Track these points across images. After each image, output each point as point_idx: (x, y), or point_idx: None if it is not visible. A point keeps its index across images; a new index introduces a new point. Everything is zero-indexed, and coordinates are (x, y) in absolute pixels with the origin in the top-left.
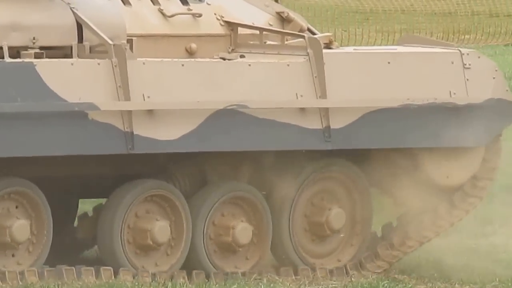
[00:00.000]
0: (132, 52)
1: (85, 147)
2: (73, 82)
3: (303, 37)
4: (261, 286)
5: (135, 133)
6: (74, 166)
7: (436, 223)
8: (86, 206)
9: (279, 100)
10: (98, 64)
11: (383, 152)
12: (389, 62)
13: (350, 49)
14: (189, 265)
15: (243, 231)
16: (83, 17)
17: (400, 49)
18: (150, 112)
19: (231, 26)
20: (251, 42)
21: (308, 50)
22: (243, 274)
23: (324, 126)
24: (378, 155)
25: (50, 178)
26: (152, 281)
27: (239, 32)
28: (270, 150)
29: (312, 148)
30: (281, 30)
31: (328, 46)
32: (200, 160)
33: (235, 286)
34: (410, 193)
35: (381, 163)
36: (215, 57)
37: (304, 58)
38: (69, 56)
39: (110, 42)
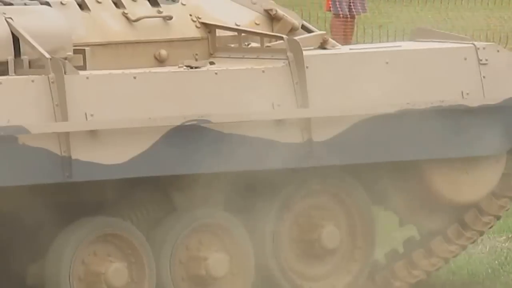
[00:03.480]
0: (85, 64)
1: (15, 177)
2: (2, 103)
3: (282, 38)
4: None
5: (73, 157)
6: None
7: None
8: None
9: (250, 112)
10: (33, 81)
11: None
12: (387, 62)
13: (346, 48)
14: None
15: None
16: (18, 28)
17: (405, 46)
18: (92, 132)
19: (209, 28)
20: (232, 45)
21: (288, 54)
22: None
23: (304, 140)
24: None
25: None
26: None
27: (218, 35)
28: (237, 170)
29: (290, 166)
30: (260, 31)
31: (322, 46)
32: (163, 184)
33: None
34: (417, 212)
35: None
36: (180, 65)
37: (284, 63)
38: (7, 72)
39: (47, 55)
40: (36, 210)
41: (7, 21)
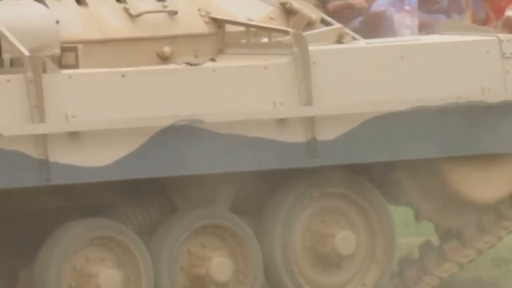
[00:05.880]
0: (78, 62)
1: None
2: None
3: (288, 32)
4: None
5: (51, 160)
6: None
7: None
8: None
9: (249, 111)
10: (8, 80)
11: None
12: (402, 57)
13: (362, 42)
14: None
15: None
16: None
17: (426, 39)
18: (73, 134)
19: (218, 23)
20: (243, 41)
21: (294, 49)
22: None
23: (308, 139)
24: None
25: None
26: None
27: (228, 30)
28: (234, 172)
29: (292, 166)
30: (268, 25)
31: (339, 40)
32: (165, 186)
33: None
34: (438, 211)
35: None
36: (178, 62)
37: (289, 58)
38: None
39: (26, 53)
40: (28, 214)
41: None
